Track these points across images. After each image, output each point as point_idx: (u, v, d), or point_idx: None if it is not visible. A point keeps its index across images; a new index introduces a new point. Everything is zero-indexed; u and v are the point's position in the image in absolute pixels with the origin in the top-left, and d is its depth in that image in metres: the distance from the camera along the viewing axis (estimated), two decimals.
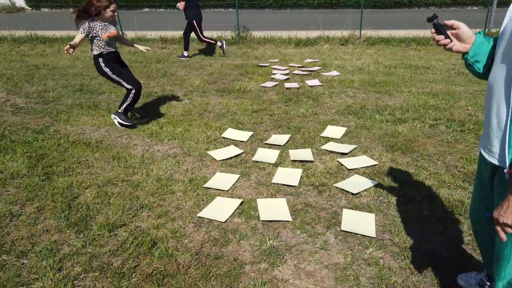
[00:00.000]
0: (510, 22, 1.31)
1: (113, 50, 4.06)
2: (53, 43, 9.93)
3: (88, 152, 3.67)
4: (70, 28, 11.79)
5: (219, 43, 8.01)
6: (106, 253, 2.31)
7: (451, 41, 1.48)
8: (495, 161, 1.41)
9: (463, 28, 1.46)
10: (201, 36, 7.85)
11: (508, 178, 1.27)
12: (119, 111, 4.23)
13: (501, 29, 1.36)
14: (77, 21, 3.82)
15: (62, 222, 2.61)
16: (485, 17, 9.72)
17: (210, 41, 7.98)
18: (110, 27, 3.93)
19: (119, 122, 4.25)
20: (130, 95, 4.16)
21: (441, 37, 1.47)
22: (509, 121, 1.28)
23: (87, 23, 3.81)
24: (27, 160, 3.48)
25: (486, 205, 1.62)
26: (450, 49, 1.49)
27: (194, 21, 7.66)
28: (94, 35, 3.86)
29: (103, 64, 4.03)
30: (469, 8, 16.32)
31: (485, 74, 1.50)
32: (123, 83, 4.13)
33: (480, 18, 10.07)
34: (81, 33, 3.82)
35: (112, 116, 4.31)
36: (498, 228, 1.27)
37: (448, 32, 1.48)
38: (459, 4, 16.40)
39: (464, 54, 1.49)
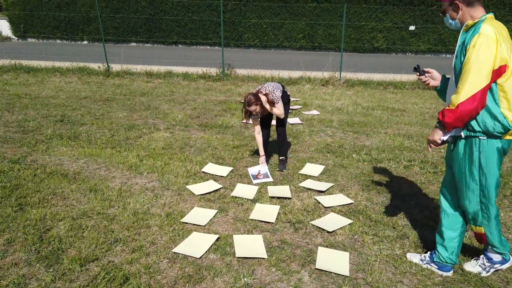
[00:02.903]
0: (454, 59, 2.19)
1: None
2: (37, 73, 9.94)
3: (65, 184, 3.62)
4: (55, 58, 11.92)
5: None
6: None
7: (428, 79, 2.50)
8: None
9: (435, 72, 2.51)
10: None
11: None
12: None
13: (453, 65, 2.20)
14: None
15: (32, 255, 2.54)
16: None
17: None
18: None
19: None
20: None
21: (423, 77, 2.49)
22: None
23: None
24: (1, 190, 3.41)
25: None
26: (428, 84, 2.50)
27: None
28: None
29: None
30: (443, 55, 17.27)
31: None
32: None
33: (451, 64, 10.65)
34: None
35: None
36: (429, 146, 2.25)
37: (427, 75, 2.51)
38: (433, 52, 17.35)
39: (435, 87, 2.52)
